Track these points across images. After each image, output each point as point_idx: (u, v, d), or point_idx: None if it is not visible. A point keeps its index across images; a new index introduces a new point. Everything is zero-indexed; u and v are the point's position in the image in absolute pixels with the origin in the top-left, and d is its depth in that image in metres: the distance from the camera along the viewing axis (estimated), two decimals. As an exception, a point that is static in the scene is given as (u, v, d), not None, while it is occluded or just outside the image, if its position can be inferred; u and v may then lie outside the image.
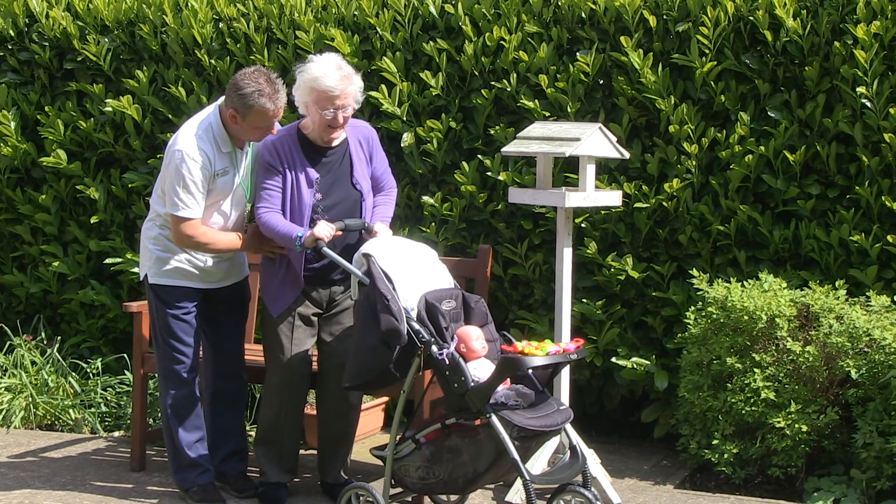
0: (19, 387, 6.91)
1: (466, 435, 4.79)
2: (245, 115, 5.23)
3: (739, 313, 5.59)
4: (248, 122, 5.25)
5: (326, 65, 5.25)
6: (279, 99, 5.24)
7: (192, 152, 5.22)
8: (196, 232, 5.27)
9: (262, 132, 5.30)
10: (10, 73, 7.41)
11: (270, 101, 5.20)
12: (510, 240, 6.42)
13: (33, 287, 7.39)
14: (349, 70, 5.30)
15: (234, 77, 5.27)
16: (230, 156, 5.34)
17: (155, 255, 5.42)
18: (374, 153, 5.51)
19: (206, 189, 5.27)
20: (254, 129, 5.28)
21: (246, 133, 5.31)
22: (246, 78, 5.22)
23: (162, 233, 5.41)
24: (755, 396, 5.54)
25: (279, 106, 5.24)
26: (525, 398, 4.80)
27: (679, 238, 6.15)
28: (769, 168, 6.04)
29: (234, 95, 5.22)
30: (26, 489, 5.66)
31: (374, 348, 4.89)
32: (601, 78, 6.30)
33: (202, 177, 5.23)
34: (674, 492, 5.72)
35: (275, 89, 5.22)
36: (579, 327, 6.22)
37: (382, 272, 4.94)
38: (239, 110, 5.23)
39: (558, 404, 4.93)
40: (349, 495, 5.08)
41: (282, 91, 5.26)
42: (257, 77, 5.22)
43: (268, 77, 5.24)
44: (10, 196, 7.36)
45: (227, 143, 5.32)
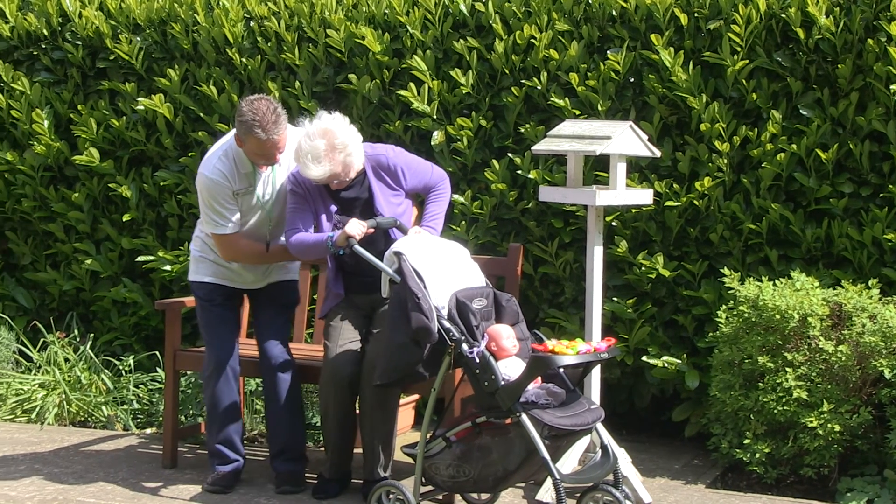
0: (53, 383, 6.97)
1: (497, 433, 4.79)
2: (244, 140, 5.39)
3: (771, 312, 5.56)
4: (247, 148, 5.41)
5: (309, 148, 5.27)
6: (276, 131, 5.31)
7: (211, 174, 5.48)
8: (237, 247, 5.56)
9: (262, 159, 5.45)
10: (44, 72, 7.46)
11: (265, 132, 5.29)
12: (540, 238, 6.42)
13: (66, 285, 7.44)
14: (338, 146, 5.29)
15: (240, 103, 5.41)
16: (249, 176, 5.52)
17: (194, 255, 5.76)
18: (400, 173, 5.52)
19: (234, 204, 5.49)
20: (254, 155, 5.45)
21: (250, 157, 5.47)
22: (247, 106, 5.35)
23: (199, 235, 5.72)
24: (787, 396, 5.52)
25: (274, 138, 5.32)
26: (556, 397, 4.80)
27: (710, 236, 6.13)
28: (801, 166, 6.01)
29: (237, 121, 5.39)
30: (59, 485, 5.71)
31: (405, 346, 4.90)
32: (632, 76, 6.28)
33: (225, 194, 5.46)
34: (705, 491, 5.70)
35: (273, 121, 5.30)
36: (610, 326, 6.21)
37: (413, 270, 4.94)
38: (240, 136, 5.40)
39: (589, 403, 4.92)
40: (380, 493, 5.08)
41: (282, 123, 5.34)
42: (258, 107, 5.32)
43: (269, 107, 5.32)
44: (43, 194, 7.41)
45: (245, 164, 5.50)
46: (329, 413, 5.40)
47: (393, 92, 6.63)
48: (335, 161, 5.30)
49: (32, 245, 7.59)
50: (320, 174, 5.30)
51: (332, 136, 5.30)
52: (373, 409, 5.30)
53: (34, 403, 6.89)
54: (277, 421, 5.64)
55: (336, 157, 5.30)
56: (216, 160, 5.49)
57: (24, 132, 7.40)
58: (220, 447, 5.65)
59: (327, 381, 5.37)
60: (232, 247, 5.56)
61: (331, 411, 5.39)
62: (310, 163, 5.28)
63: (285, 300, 5.84)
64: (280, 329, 5.71)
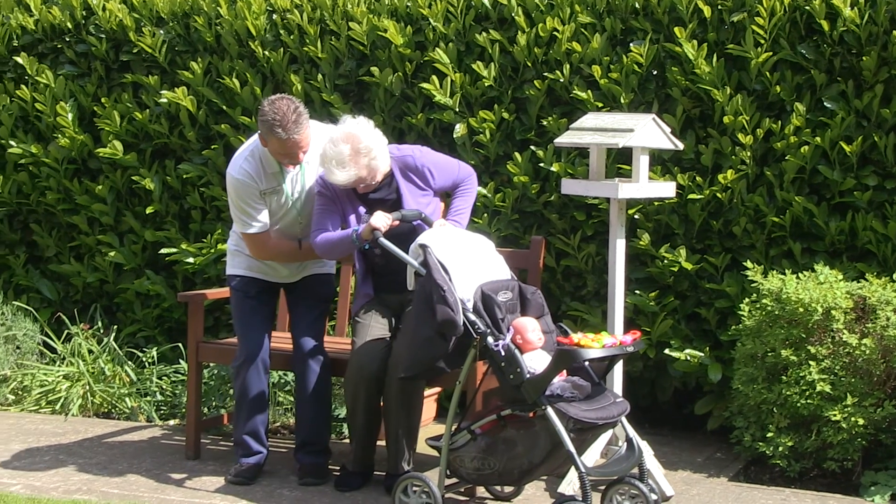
0: (77, 375, 7.01)
1: (522, 426, 4.79)
2: (267, 140, 5.43)
3: (795, 305, 5.54)
4: (270, 148, 5.45)
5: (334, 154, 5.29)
6: (297, 130, 5.33)
7: (237, 174, 5.53)
8: (268, 246, 5.62)
9: (285, 158, 5.47)
10: (68, 65, 7.50)
11: (286, 131, 5.31)
12: (563, 231, 6.41)
13: (90, 277, 7.47)
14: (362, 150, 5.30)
15: (261, 103, 5.43)
16: (277, 176, 5.56)
17: (230, 248, 5.85)
18: (428, 173, 5.53)
19: (262, 203, 5.53)
20: (277, 155, 5.47)
21: (274, 157, 5.50)
22: (268, 106, 5.37)
23: (235, 231, 5.77)
24: (810, 389, 5.50)
25: (295, 137, 5.34)
26: (581, 390, 4.80)
27: (733, 229, 6.11)
28: (825, 159, 5.99)
29: (259, 121, 5.42)
30: (84, 475, 5.74)
31: (430, 339, 4.91)
32: (655, 68, 6.27)
33: (252, 194, 5.51)
34: (728, 484, 5.69)
35: (293, 120, 5.31)
36: (632, 319, 6.20)
37: (439, 263, 4.94)
38: (263, 136, 5.44)
39: (614, 396, 4.92)
40: (404, 485, 5.08)
41: (303, 122, 5.35)
42: (279, 106, 5.34)
43: (290, 107, 5.34)
44: (67, 187, 7.45)
45: (271, 164, 5.54)
46: (356, 407, 5.41)
47: (415, 85, 6.64)
48: (360, 165, 5.30)
49: (56, 237, 7.63)
50: (345, 179, 5.31)
51: (357, 141, 5.29)
52: (397, 402, 5.30)
53: (58, 395, 6.93)
54: (304, 413, 5.66)
55: (361, 161, 5.30)
56: (242, 160, 5.53)
57: (49, 125, 7.43)
58: (247, 438, 5.68)
59: (354, 376, 5.37)
60: (262, 245, 5.61)
61: (358, 405, 5.40)
62: (334, 168, 5.29)
63: (320, 294, 5.85)
64: (313, 323, 5.73)
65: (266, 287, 5.79)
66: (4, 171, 7.59)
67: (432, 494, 4.97)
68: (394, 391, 5.29)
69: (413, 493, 5.04)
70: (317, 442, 5.68)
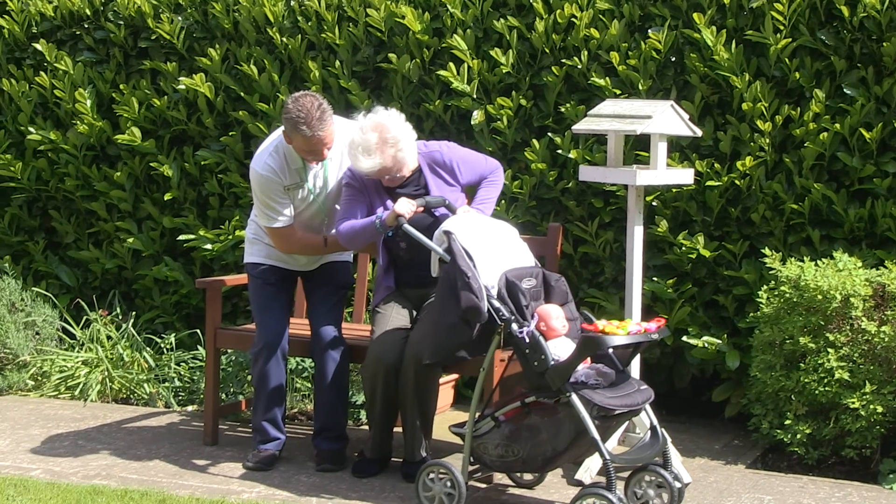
0: (95, 361, 7.04)
1: (546, 414, 4.78)
2: (291, 137, 5.45)
3: (813, 293, 5.53)
4: (294, 145, 5.47)
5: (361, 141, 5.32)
6: (321, 127, 5.35)
7: (262, 169, 5.54)
8: (293, 240, 5.65)
9: (309, 155, 5.49)
10: (87, 51, 7.51)
11: (310, 128, 5.34)
12: (580, 218, 6.40)
13: (108, 263, 7.50)
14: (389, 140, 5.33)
15: (286, 100, 5.44)
16: (300, 171, 5.57)
17: (248, 237, 5.86)
18: (456, 167, 5.55)
19: (286, 198, 5.55)
20: (301, 152, 5.50)
21: (298, 153, 5.52)
22: (292, 103, 5.40)
23: (254, 219, 5.81)
24: (829, 377, 5.48)
25: (319, 134, 5.36)
26: (605, 377, 4.79)
27: (751, 216, 6.09)
28: (844, 146, 5.96)
29: (283, 118, 5.44)
30: (103, 461, 5.77)
31: (454, 326, 4.91)
32: (673, 55, 6.24)
33: (276, 189, 5.52)
34: (745, 472, 5.68)
35: (318, 117, 5.34)
36: (650, 306, 6.19)
37: (463, 249, 4.94)
38: (287, 132, 5.46)
39: (639, 384, 4.91)
40: (427, 472, 5.07)
41: (327, 119, 5.37)
42: (303, 103, 5.36)
43: (314, 104, 5.36)
44: (86, 173, 7.47)
45: (295, 160, 5.55)
46: (374, 396, 5.41)
47: (433, 71, 6.63)
48: (385, 155, 5.33)
49: (75, 224, 7.66)
50: (370, 167, 5.33)
51: (385, 130, 5.33)
52: (413, 390, 5.31)
53: (77, 380, 6.97)
54: (322, 400, 5.68)
55: (387, 150, 5.33)
56: (266, 156, 5.54)
57: (67, 111, 7.45)
58: (265, 424, 5.70)
59: (373, 365, 5.38)
60: (287, 239, 5.63)
61: (377, 394, 5.40)
62: (360, 155, 5.32)
63: (338, 281, 5.87)
64: (332, 310, 5.74)
65: (285, 275, 5.81)
66: (24, 157, 7.62)
67: (456, 482, 4.97)
68: (410, 379, 5.29)
69: (438, 481, 5.03)
70: (335, 428, 5.70)
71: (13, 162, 7.54)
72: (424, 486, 5.06)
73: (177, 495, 5.23)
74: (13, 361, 7.11)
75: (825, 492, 5.39)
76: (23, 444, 6.05)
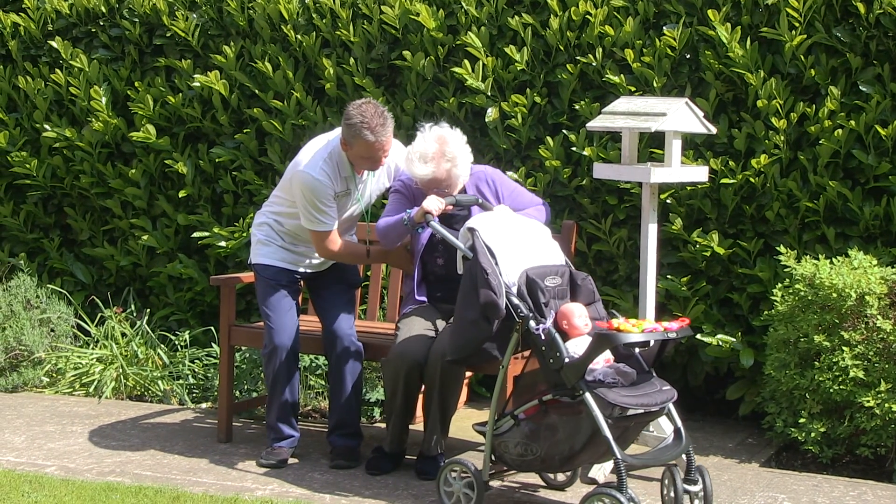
0: (110, 358, 7.06)
1: (564, 412, 4.76)
2: (351, 144, 5.48)
3: (828, 291, 5.51)
4: (353, 152, 5.51)
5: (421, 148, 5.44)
6: (384, 133, 5.44)
7: (318, 175, 5.53)
8: (336, 245, 5.63)
9: (368, 162, 5.54)
10: (102, 49, 7.53)
11: (373, 133, 5.42)
12: (594, 215, 6.40)
13: (123, 260, 7.52)
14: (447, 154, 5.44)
15: (347, 107, 5.51)
16: (349, 180, 5.62)
17: (258, 238, 5.83)
18: (499, 191, 5.61)
19: (334, 204, 5.57)
20: (360, 159, 5.54)
21: (355, 161, 5.57)
22: (355, 109, 5.47)
23: (268, 222, 5.80)
24: (843, 375, 5.47)
25: (382, 140, 5.45)
26: (626, 377, 4.77)
27: (766, 214, 6.08)
28: (860, 143, 5.94)
29: (344, 125, 5.49)
30: (117, 457, 5.79)
31: (474, 322, 4.92)
32: (688, 52, 6.23)
33: (328, 195, 5.54)
34: (759, 470, 5.67)
35: (380, 123, 5.43)
36: (664, 304, 6.18)
37: (486, 246, 4.95)
38: (347, 139, 5.50)
39: (661, 384, 4.87)
40: (447, 471, 5.06)
41: (388, 126, 5.47)
42: (366, 109, 5.45)
43: (376, 110, 5.46)
44: (101, 170, 7.49)
45: (346, 168, 5.60)
46: (395, 391, 5.42)
47: (447, 69, 6.63)
48: (440, 167, 5.43)
49: (90, 221, 7.68)
50: (423, 174, 5.42)
51: (445, 144, 5.45)
52: (440, 386, 5.32)
53: (92, 377, 6.99)
54: (338, 397, 5.69)
55: (442, 164, 5.43)
56: (321, 162, 5.55)
57: (83, 109, 7.47)
58: (278, 423, 5.71)
59: (395, 360, 5.38)
60: (331, 244, 5.62)
61: (398, 389, 5.41)
62: (417, 160, 5.43)
63: (348, 280, 5.91)
64: (344, 308, 5.77)
65: (294, 277, 5.83)
66: (39, 154, 7.64)
67: (476, 480, 4.96)
68: (436, 375, 5.31)
69: (460, 479, 5.03)
70: (350, 425, 5.71)
71: (29, 159, 7.56)
72: (445, 481, 5.07)
73: (191, 492, 5.24)
74: (28, 358, 7.13)
75: (839, 490, 5.37)
76: (38, 440, 6.07)
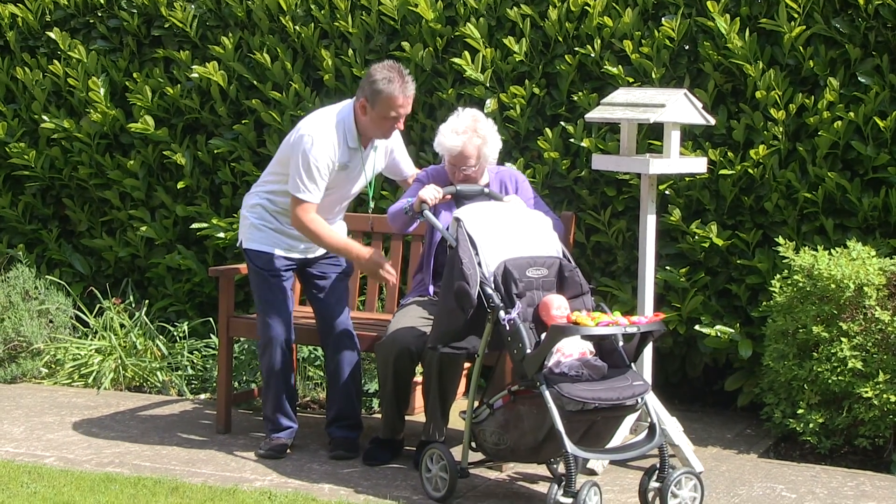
0: (109, 349, 7.06)
1: (529, 403, 4.78)
2: (374, 102, 5.43)
3: (826, 282, 5.51)
4: (376, 111, 5.45)
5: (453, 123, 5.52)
6: (408, 90, 5.46)
7: (320, 139, 5.46)
8: (308, 217, 5.50)
9: (389, 123, 5.49)
10: (100, 40, 7.52)
11: (400, 89, 5.41)
12: (593, 206, 6.39)
13: (122, 251, 7.52)
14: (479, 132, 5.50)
15: (369, 70, 5.51)
16: (355, 152, 5.55)
17: (250, 221, 5.71)
18: (519, 194, 5.62)
19: (328, 177, 5.49)
20: (381, 120, 5.46)
21: (374, 124, 5.49)
22: (379, 68, 5.48)
23: (261, 202, 5.69)
24: (842, 366, 5.47)
25: (407, 96, 5.45)
26: (595, 370, 4.75)
27: (765, 205, 6.08)
28: (859, 134, 5.94)
29: (366, 84, 5.46)
30: (116, 448, 5.79)
31: (451, 311, 4.94)
32: (687, 43, 6.23)
33: (326, 164, 5.46)
34: (757, 461, 5.68)
35: (405, 81, 5.45)
36: (662, 295, 6.18)
37: (468, 236, 4.96)
38: (369, 98, 5.45)
39: (634, 379, 4.82)
40: (429, 455, 5.12)
41: (411, 85, 5.48)
42: (390, 68, 5.47)
43: (400, 70, 5.48)
44: (99, 161, 7.49)
45: (354, 139, 5.54)
46: (386, 376, 5.45)
47: (446, 60, 6.62)
48: (471, 141, 5.47)
49: (89, 212, 7.67)
50: (454, 143, 5.46)
51: (477, 122, 5.54)
52: (438, 374, 5.34)
53: (91, 368, 6.99)
54: (337, 388, 5.69)
55: (473, 139, 5.48)
56: (330, 129, 5.49)
57: (81, 100, 7.46)
58: (276, 414, 5.71)
59: (387, 345, 5.40)
60: (306, 215, 5.49)
61: (388, 374, 5.43)
62: (448, 132, 5.49)
63: (343, 268, 5.86)
64: (341, 296, 5.76)
65: (288, 264, 5.73)
66: (37, 145, 7.63)
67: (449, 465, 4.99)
68: (434, 363, 5.32)
69: (434, 464, 5.08)
70: (349, 416, 5.71)
71: (27, 150, 7.55)
72: (426, 467, 5.11)
73: (190, 483, 5.25)
74: (27, 349, 7.13)
75: (838, 481, 5.38)
76: (37, 431, 6.07)
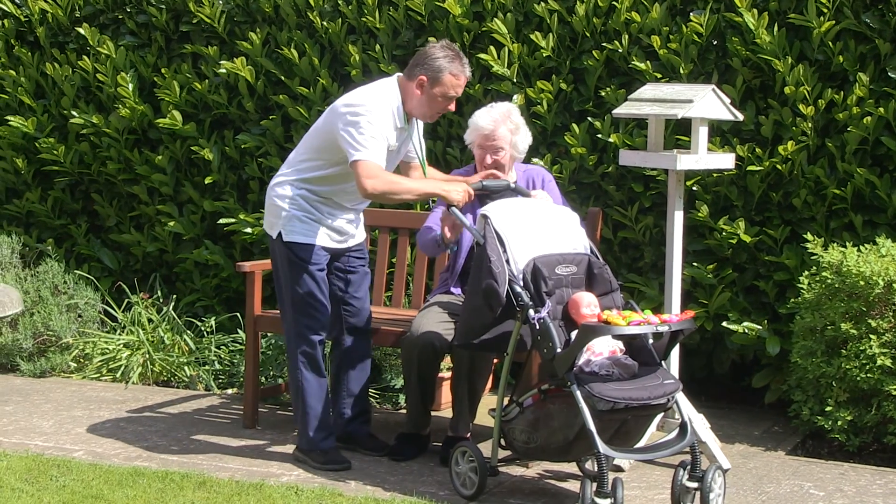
0: (137, 343, 7.09)
1: (560, 402, 4.76)
2: (435, 81, 5.34)
3: (855, 278, 5.48)
4: (437, 90, 5.35)
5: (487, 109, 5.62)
6: (466, 70, 5.42)
7: (379, 110, 5.29)
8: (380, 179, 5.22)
9: (443, 104, 5.41)
10: (129, 35, 7.55)
11: (461, 68, 5.38)
12: (620, 202, 6.38)
13: (150, 246, 7.55)
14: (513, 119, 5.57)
15: (424, 49, 5.43)
16: (402, 132, 5.43)
17: (290, 213, 5.40)
18: (546, 190, 5.62)
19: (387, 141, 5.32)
20: (436, 100, 5.36)
21: (430, 103, 5.38)
22: (438, 47, 5.41)
23: (300, 193, 5.40)
24: (871, 363, 5.44)
25: (466, 75, 5.42)
26: (626, 369, 4.74)
27: (793, 201, 6.05)
28: (888, 130, 5.90)
29: (425, 62, 5.35)
30: (144, 442, 5.82)
31: (478, 308, 4.93)
32: (715, 39, 6.20)
33: (388, 128, 5.32)
34: (785, 458, 5.65)
35: (464, 62, 5.42)
36: (690, 291, 6.16)
37: (496, 234, 4.95)
38: (429, 76, 5.34)
39: (665, 377, 4.80)
40: (458, 453, 5.10)
41: (468, 66, 5.44)
42: (450, 48, 5.43)
43: (458, 50, 5.46)
44: (127, 157, 7.52)
45: (402, 119, 5.42)
46: (410, 371, 5.46)
47: (473, 55, 6.61)
48: (502, 127, 5.54)
49: (117, 207, 7.71)
50: (485, 123, 5.54)
51: (512, 112, 5.61)
52: (468, 370, 5.35)
53: (119, 363, 7.03)
54: (359, 384, 5.69)
55: (506, 124, 5.54)
56: (386, 108, 5.32)
57: (110, 95, 7.50)
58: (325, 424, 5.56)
59: (410, 341, 5.40)
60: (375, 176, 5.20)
61: (412, 370, 5.44)
62: (483, 112, 5.61)
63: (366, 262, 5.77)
64: (367, 290, 5.73)
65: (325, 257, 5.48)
66: (66, 141, 7.68)
67: (479, 463, 4.98)
68: (464, 358, 5.33)
69: (464, 462, 5.06)
70: (368, 411, 5.74)
71: (56, 145, 7.60)
72: (456, 462, 5.10)
73: (217, 477, 5.27)
74: (56, 343, 7.18)
75: (866, 479, 5.35)
76: (66, 425, 6.11)
